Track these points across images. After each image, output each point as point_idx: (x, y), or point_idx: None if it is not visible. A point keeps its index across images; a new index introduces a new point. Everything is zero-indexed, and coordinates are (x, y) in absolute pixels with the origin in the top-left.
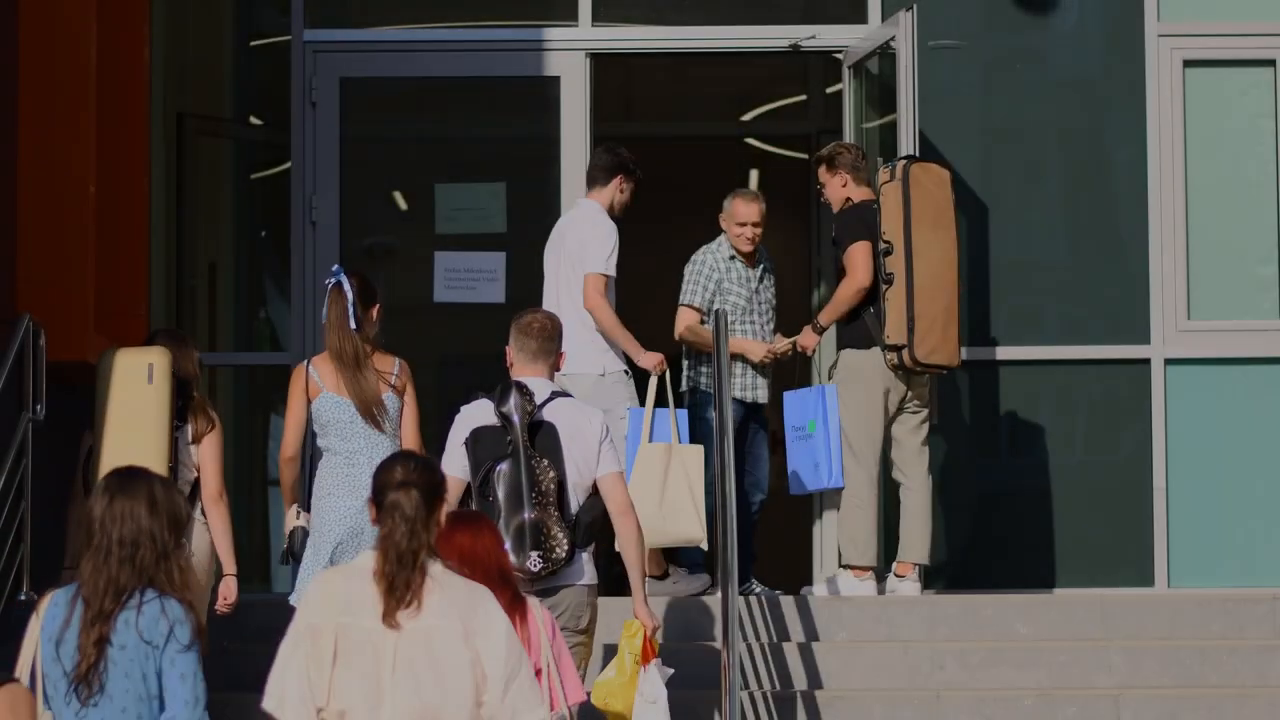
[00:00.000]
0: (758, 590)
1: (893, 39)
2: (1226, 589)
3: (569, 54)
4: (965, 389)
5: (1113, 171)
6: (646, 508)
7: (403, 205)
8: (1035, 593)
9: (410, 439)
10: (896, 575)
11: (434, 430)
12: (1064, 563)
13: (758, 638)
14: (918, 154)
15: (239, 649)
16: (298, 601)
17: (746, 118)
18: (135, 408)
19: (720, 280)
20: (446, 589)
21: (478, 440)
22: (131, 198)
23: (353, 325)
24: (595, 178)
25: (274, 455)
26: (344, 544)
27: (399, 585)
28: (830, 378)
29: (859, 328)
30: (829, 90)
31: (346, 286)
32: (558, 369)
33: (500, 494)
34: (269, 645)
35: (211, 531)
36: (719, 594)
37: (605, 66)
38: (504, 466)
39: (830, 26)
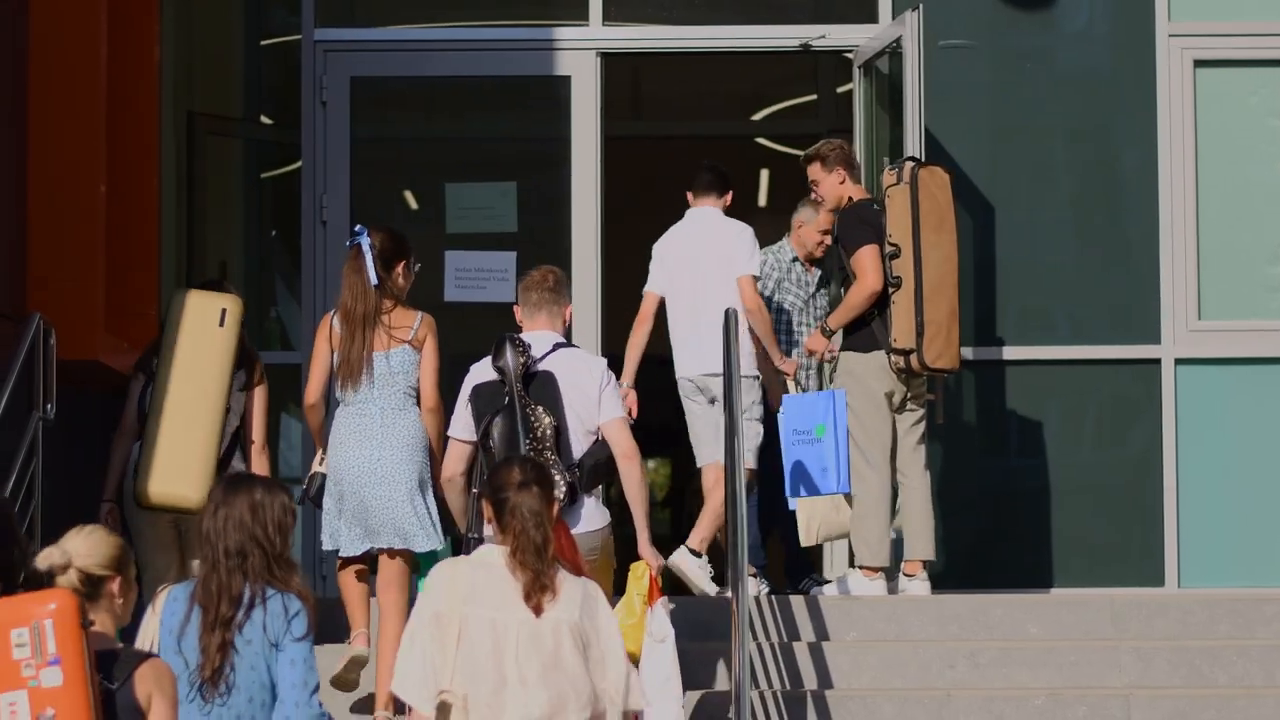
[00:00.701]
0: (812, 587)
1: (900, 38)
2: (1236, 589)
3: (580, 53)
4: (975, 389)
5: (1122, 171)
6: (821, 502)
7: (413, 205)
8: (1045, 592)
9: (427, 392)
10: (905, 574)
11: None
12: (1074, 563)
13: (768, 637)
14: (924, 154)
15: None
16: (329, 545)
17: (757, 117)
18: (203, 349)
19: (781, 280)
20: (566, 583)
21: (478, 396)
22: (141, 197)
23: (373, 282)
24: (712, 185)
25: (285, 454)
26: (349, 493)
27: (543, 577)
28: (831, 378)
29: (865, 331)
30: (839, 90)
31: (365, 248)
32: (565, 321)
33: (496, 442)
34: None
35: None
36: (729, 594)
37: (616, 66)
38: (500, 417)
39: (840, 26)
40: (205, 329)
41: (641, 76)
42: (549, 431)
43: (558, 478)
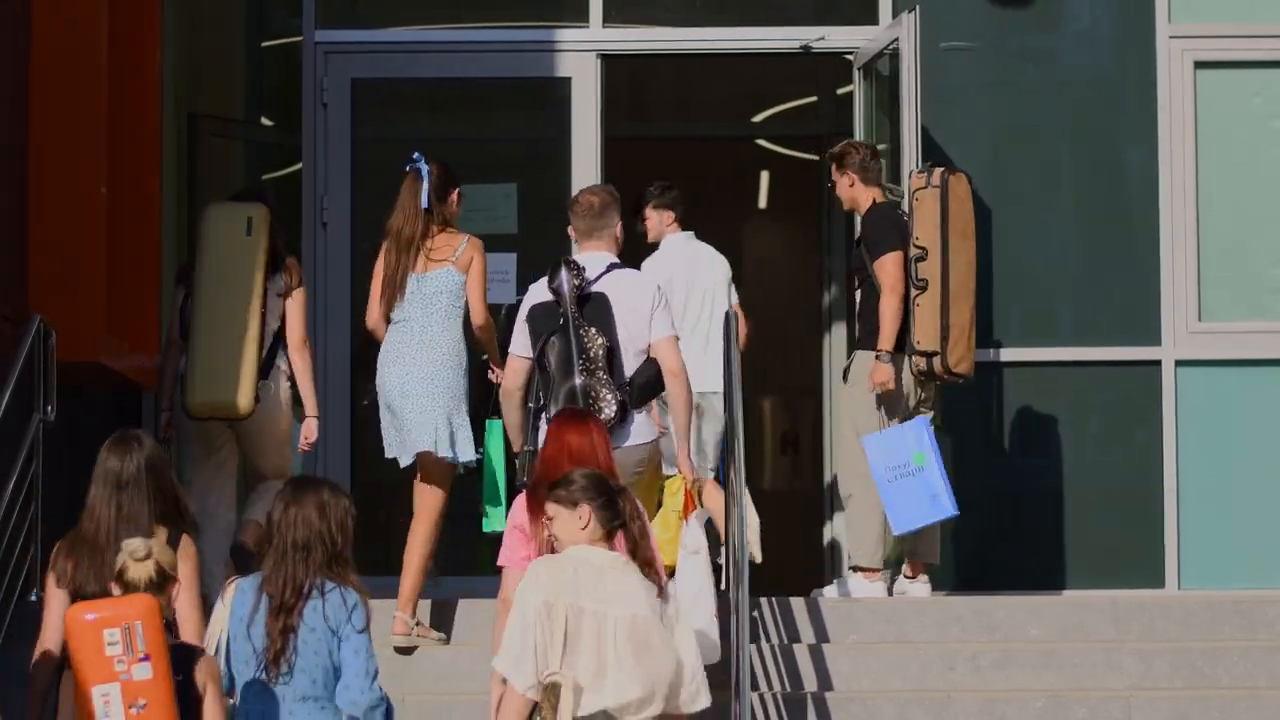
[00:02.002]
0: None
1: (898, 40)
2: (1237, 590)
3: (580, 55)
4: (976, 390)
5: (1124, 173)
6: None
7: None
8: (1046, 594)
9: (476, 309)
10: (906, 576)
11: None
12: (1075, 564)
13: (768, 639)
14: (921, 155)
15: None
16: (388, 453)
17: (757, 119)
18: (234, 257)
19: None
20: (642, 580)
21: (534, 316)
22: (143, 199)
23: (424, 204)
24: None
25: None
26: (394, 405)
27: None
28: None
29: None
30: (839, 91)
31: (424, 173)
32: (617, 240)
33: (552, 363)
34: None
35: (295, 374)
36: (730, 594)
37: (616, 68)
38: (556, 338)
39: (840, 28)
40: (234, 238)
41: (642, 78)
42: (601, 353)
43: (609, 396)
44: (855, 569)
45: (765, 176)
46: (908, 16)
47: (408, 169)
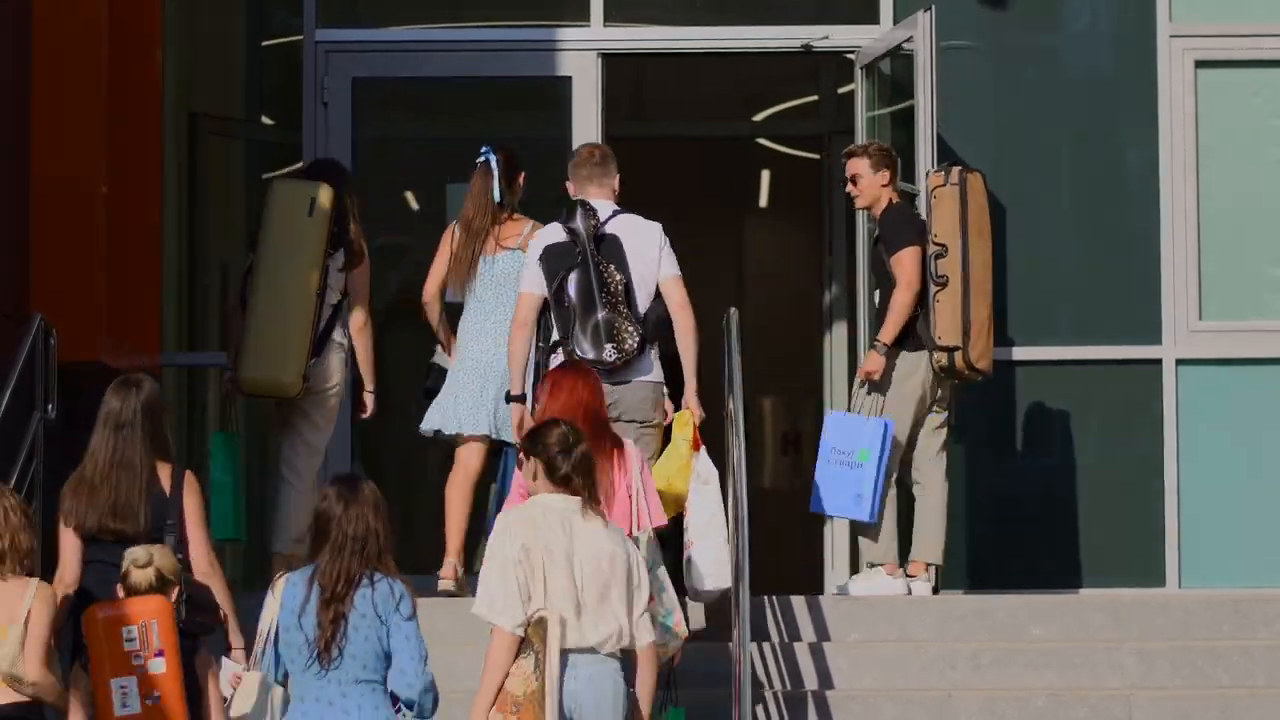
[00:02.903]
0: None
1: (908, 40)
2: (1238, 589)
3: (580, 54)
4: (977, 390)
5: (1124, 172)
6: None
7: (414, 205)
8: (1047, 593)
9: None
10: (908, 575)
11: None
12: (1075, 563)
13: (769, 638)
14: (935, 155)
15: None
16: (425, 426)
17: (758, 118)
18: (295, 235)
19: None
20: (612, 525)
21: (549, 255)
22: (143, 198)
23: (496, 198)
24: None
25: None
26: (473, 380)
27: (594, 511)
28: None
29: (905, 330)
30: (841, 91)
31: (493, 165)
32: (614, 191)
33: (573, 298)
34: None
35: (356, 351)
36: (731, 594)
37: (617, 67)
38: (575, 274)
39: (842, 27)
40: (297, 217)
41: (643, 77)
42: (620, 287)
43: (630, 329)
44: (875, 565)
45: (766, 176)
46: (923, 16)
47: (477, 162)
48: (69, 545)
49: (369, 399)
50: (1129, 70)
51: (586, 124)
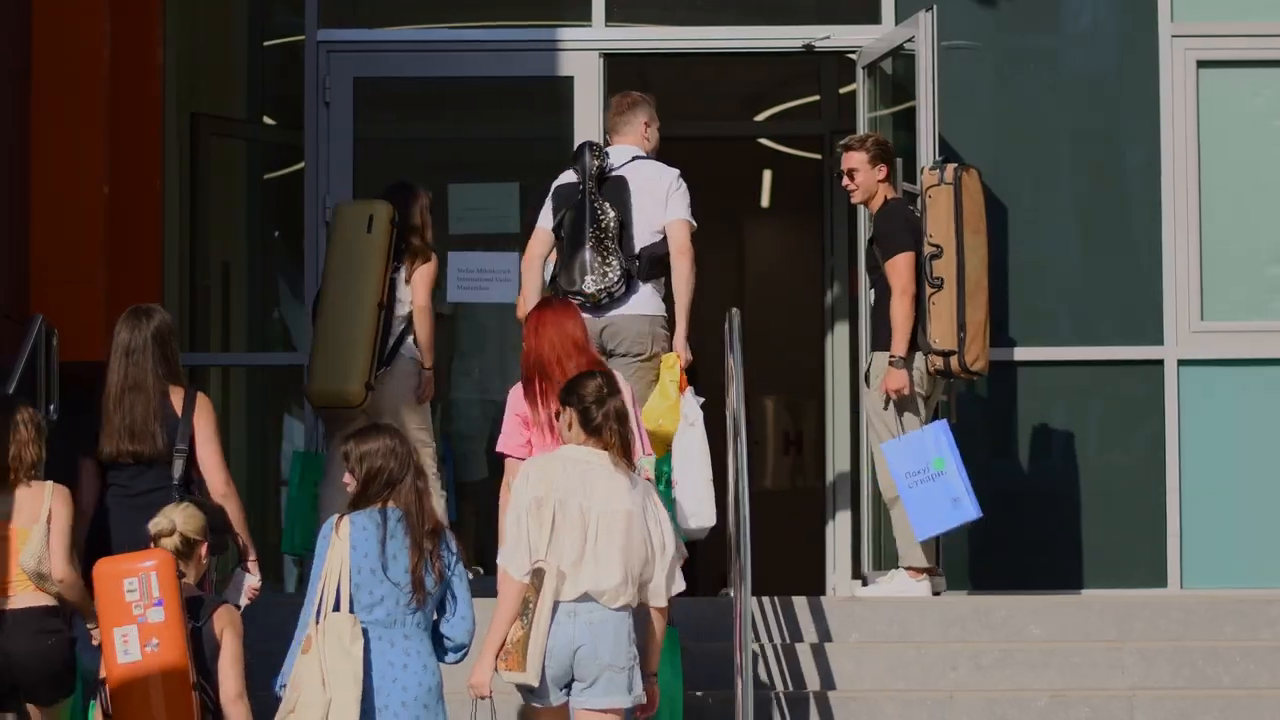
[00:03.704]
0: None
1: (910, 39)
2: (1239, 590)
3: (582, 54)
4: (979, 390)
5: (1126, 172)
6: None
7: None
8: (1048, 593)
9: None
10: (911, 576)
11: (465, 428)
12: (1077, 564)
13: (771, 638)
14: (937, 154)
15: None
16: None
17: (760, 118)
18: (355, 252)
19: None
20: (636, 483)
21: (557, 194)
22: (145, 198)
23: None
24: None
25: (287, 455)
26: None
27: (620, 466)
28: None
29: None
30: (842, 91)
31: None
32: (643, 133)
33: (565, 231)
34: (285, 643)
35: (417, 332)
36: (733, 594)
37: (618, 67)
38: (570, 211)
39: (844, 27)
40: (356, 235)
41: (644, 77)
42: (613, 225)
43: (615, 263)
44: (905, 568)
45: (768, 176)
46: (925, 15)
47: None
48: (86, 472)
49: (427, 379)
50: (1130, 70)
51: (588, 124)
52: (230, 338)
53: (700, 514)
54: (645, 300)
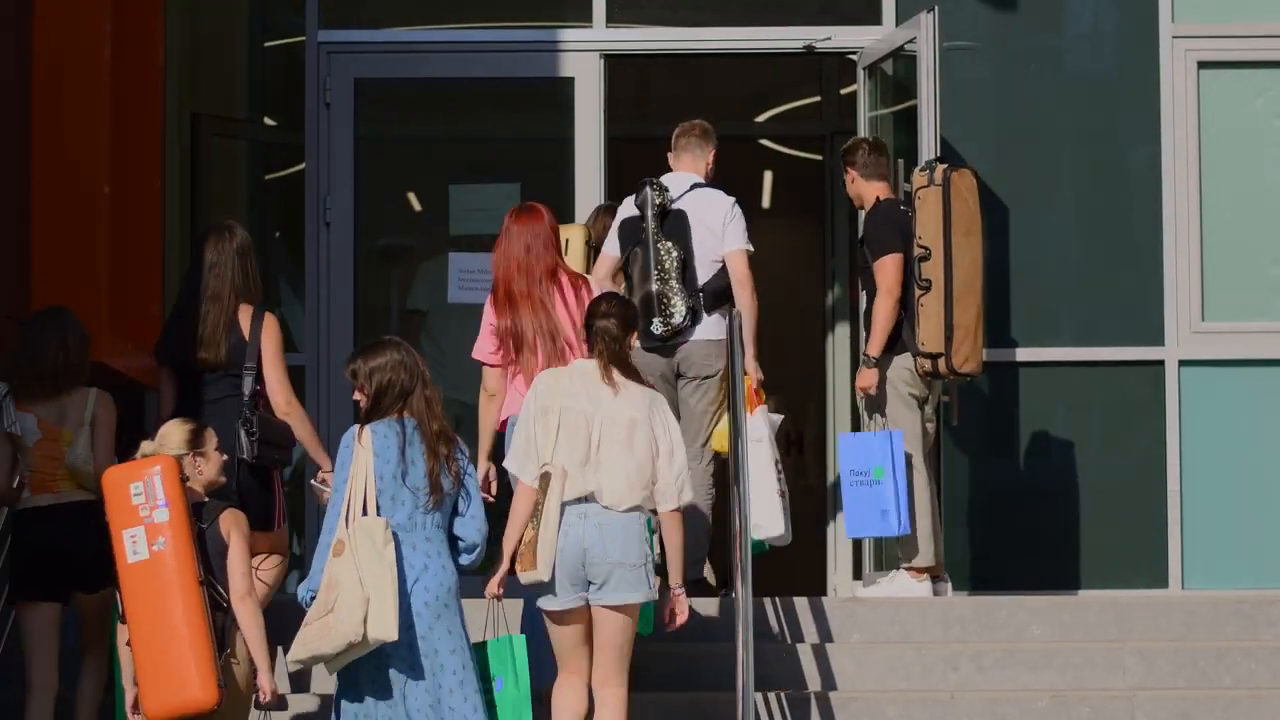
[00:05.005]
0: None
1: (912, 40)
2: (1240, 590)
3: (583, 55)
4: (980, 391)
5: (1127, 173)
6: None
7: (417, 206)
8: (1049, 594)
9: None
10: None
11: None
12: (1078, 564)
13: (772, 639)
14: (939, 155)
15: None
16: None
17: (761, 119)
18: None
19: None
20: (638, 391)
21: (622, 228)
22: (145, 198)
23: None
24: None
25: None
26: None
27: (609, 376)
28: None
29: (893, 335)
30: (843, 91)
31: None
32: (708, 165)
33: (635, 274)
34: (284, 644)
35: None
36: (734, 595)
37: (619, 67)
38: (637, 249)
39: (845, 28)
40: None
41: (645, 78)
42: (676, 264)
43: (679, 301)
44: (906, 568)
45: (768, 177)
46: (925, 16)
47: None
48: (164, 380)
49: None
50: (1131, 71)
51: (589, 125)
52: None
53: (764, 526)
54: (711, 327)
